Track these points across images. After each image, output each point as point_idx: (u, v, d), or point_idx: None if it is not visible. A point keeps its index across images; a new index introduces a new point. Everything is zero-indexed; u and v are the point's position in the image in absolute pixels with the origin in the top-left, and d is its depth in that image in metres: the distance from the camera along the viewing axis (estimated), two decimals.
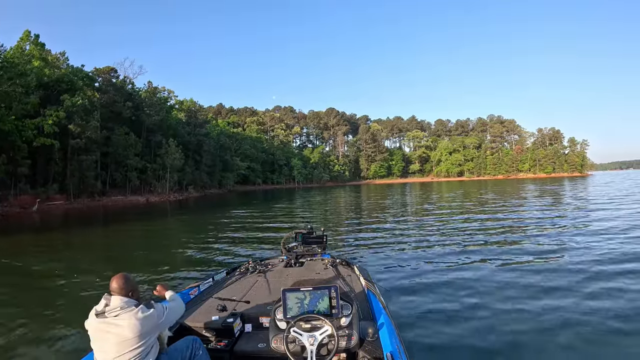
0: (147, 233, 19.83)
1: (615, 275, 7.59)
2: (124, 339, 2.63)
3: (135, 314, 2.70)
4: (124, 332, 2.63)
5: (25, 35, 51.92)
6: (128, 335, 2.63)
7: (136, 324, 2.65)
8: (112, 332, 2.64)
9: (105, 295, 2.77)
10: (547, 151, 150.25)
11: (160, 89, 79.53)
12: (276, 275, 5.20)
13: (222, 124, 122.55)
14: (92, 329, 2.70)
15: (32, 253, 14.04)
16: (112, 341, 2.63)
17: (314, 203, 38.71)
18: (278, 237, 14.62)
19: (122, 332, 2.63)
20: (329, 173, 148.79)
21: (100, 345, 2.66)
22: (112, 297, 2.75)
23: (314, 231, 6.82)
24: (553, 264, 8.71)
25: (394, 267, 8.96)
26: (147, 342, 2.72)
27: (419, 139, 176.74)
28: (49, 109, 47.05)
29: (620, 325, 5.20)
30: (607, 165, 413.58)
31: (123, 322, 2.65)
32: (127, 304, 2.73)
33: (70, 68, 57.92)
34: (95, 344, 2.69)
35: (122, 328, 2.64)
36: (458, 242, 12.04)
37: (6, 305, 7.23)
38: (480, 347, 4.68)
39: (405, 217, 20.90)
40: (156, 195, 62.05)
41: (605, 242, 10.94)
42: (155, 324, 2.77)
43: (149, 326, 2.72)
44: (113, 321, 2.67)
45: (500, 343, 4.78)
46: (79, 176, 51.64)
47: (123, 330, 2.63)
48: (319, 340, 2.82)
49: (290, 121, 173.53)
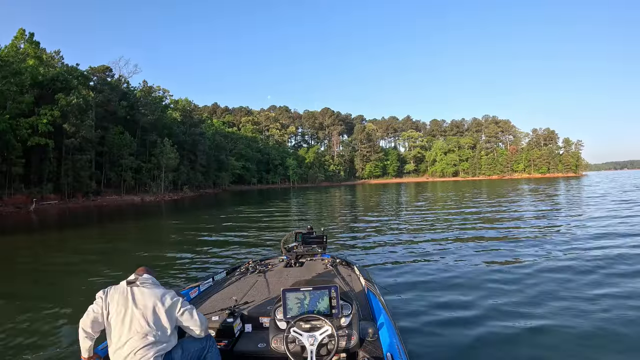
0: (144, 233, 19.78)
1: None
2: (150, 309, 2.74)
3: (164, 290, 2.87)
4: (151, 302, 2.76)
5: (20, 33, 51.57)
6: (155, 304, 2.76)
7: (164, 299, 2.79)
8: (140, 301, 2.76)
9: (136, 271, 2.95)
10: (541, 151, 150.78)
11: (155, 88, 79.47)
12: (276, 275, 5.20)
13: (217, 124, 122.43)
14: (118, 296, 2.77)
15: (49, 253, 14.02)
16: (137, 311, 2.72)
17: (310, 203, 38.65)
18: (275, 236, 14.64)
19: (148, 302, 2.75)
20: (324, 173, 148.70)
21: (122, 316, 2.72)
22: (144, 274, 2.92)
23: (314, 231, 6.81)
24: (556, 262, 8.78)
25: (394, 266, 8.96)
26: (169, 323, 2.80)
27: (414, 139, 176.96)
28: (44, 108, 46.84)
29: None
30: (602, 165, 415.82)
31: (152, 292, 2.81)
32: (157, 282, 2.92)
33: (65, 67, 57.67)
34: (117, 316, 2.73)
35: (150, 298, 2.77)
36: (458, 241, 12.07)
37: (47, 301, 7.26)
38: (480, 347, 4.69)
39: (404, 216, 20.93)
40: (151, 195, 61.84)
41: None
42: (178, 310, 2.84)
43: (173, 308, 2.82)
44: (143, 289, 2.81)
45: (500, 343, 4.79)
46: (73, 176, 51.32)
47: (151, 299, 2.77)
48: (319, 340, 2.81)
49: (285, 121, 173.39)
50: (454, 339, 4.94)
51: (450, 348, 4.69)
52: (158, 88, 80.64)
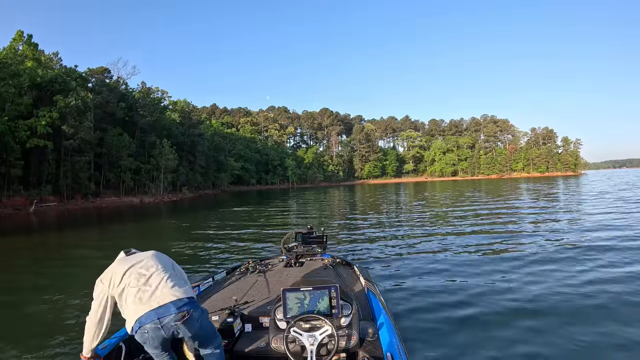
0: (144, 234, 19.78)
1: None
2: (165, 262, 2.94)
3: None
4: (163, 257, 3.00)
5: (18, 35, 51.55)
6: (167, 261, 2.98)
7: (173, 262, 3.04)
8: (150, 257, 2.91)
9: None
10: (540, 150, 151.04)
11: (154, 89, 79.37)
12: (276, 275, 5.19)
13: (216, 125, 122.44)
14: (125, 265, 2.83)
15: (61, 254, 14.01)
16: (154, 264, 2.86)
17: (309, 203, 38.66)
18: (275, 236, 14.64)
19: (160, 259, 2.95)
20: (323, 173, 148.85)
21: (141, 275, 2.76)
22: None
23: (314, 231, 6.79)
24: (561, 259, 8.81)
25: (394, 266, 8.95)
26: (185, 277, 3.00)
27: (413, 139, 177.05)
28: (42, 109, 46.78)
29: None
30: (601, 164, 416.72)
31: (157, 253, 3.02)
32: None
33: (64, 68, 57.57)
34: (136, 279, 2.75)
35: (158, 256, 2.97)
36: (458, 240, 12.07)
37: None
38: (480, 347, 4.69)
39: (403, 216, 20.95)
40: (150, 196, 61.82)
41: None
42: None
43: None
44: (147, 252, 3.00)
45: (501, 343, 4.78)
46: (72, 177, 51.28)
47: (162, 256, 3.00)
48: (319, 340, 2.82)
49: (284, 121, 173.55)
50: (454, 338, 4.94)
51: (450, 348, 4.69)
52: (157, 89, 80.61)
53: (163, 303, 2.63)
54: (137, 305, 2.64)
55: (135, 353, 3.21)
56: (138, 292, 2.67)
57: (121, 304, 2.72)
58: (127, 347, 3.18)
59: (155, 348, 2.72)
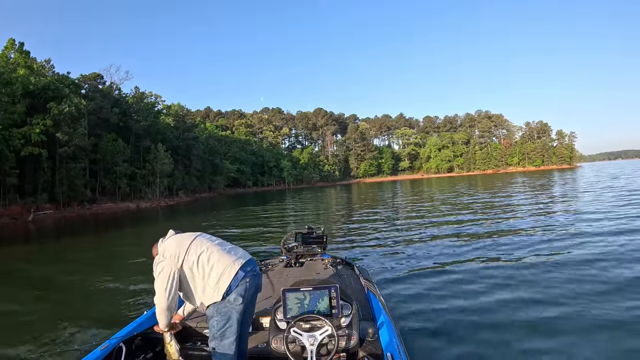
0: (142, 238, 19.72)
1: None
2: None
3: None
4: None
5: (10, 43, 51.28)
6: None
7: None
8: (195, 233, 3.12)
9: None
10: (535, 144, 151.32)
11: (147, 94, 79.03)
12: (276, 275, 5.17)
13: (210, 128, 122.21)
14: (183, 239, 3.00)
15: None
16: (203, 234, 3.12)
17: (307, 203, 38.64)
18: (274, 236, 14.64)
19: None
20: (319, 173, 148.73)
21: (204, 241, 3.00)
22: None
23: (314, 231, 6.77)
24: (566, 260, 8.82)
25: (394, 266, 8.92)
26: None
27: (408, 137, 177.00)
28: (36, 117, 46.53)
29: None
30: (596, 156, 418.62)
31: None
32: None
33: (56, 75, 57.21)
34: (207, 247, 2.94)
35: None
36: (457, 240, 12.02)
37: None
38: (481, 347, 4.69)
39: (401, 215, 20.97)
40: (147, 201, 61.61)
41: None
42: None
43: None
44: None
45: (502, 343, 4.76)
46: (68, 184, 50.98)
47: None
48: (319, 340, 2.82)
49: (278, 122, 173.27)
50: (454, 338, 4.93)
51: (450, 348, 4.69)
52: (150, 94, 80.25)
53: (246, 259, 2.95)
54: (227, 263, 2.85)
55: (135, 353, 3.23)
56: (220, 253, 2.91)
57: (197, 272, 2.86)
58: (127, 347, 3.19)
59: (251, 300, 2.97)
